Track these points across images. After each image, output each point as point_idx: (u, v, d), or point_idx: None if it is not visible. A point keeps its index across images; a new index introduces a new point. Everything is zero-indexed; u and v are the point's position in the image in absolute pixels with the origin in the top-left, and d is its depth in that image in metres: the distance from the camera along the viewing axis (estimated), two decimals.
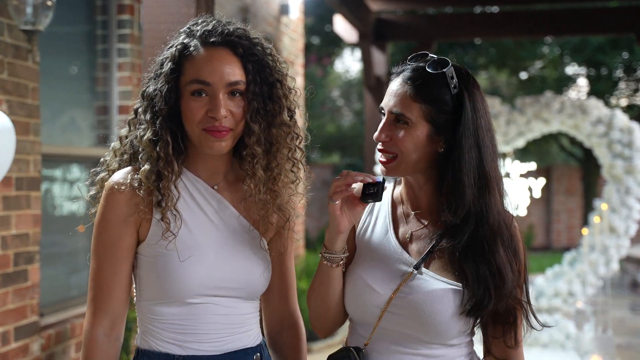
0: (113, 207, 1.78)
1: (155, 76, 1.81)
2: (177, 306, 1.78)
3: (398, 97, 1.81)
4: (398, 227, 1.91)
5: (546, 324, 1.87)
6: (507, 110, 7.37)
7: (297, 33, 8.29)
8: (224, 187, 1.87)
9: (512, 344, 1.83)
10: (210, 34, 1.77)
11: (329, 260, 1.82)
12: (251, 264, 1.83)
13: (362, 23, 7.73)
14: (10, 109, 3.63)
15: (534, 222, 16.50)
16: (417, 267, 1.82)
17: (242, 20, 6.72)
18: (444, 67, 1.78)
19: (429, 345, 1.81)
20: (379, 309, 1.82)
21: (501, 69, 16.48)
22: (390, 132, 1.82)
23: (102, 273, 1.79)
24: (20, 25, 3.54)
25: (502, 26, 8.47)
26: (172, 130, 1.79)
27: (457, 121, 1.79)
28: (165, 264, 1.77)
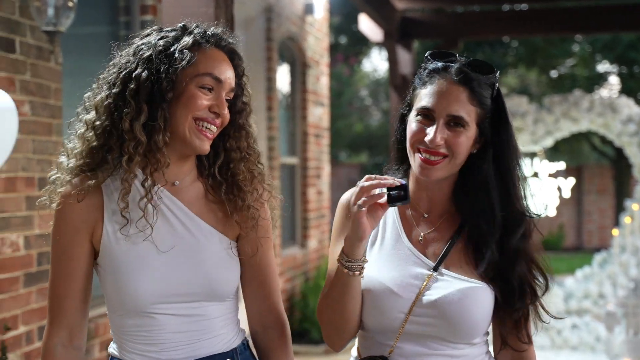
0: (63, 217, 1.76)
1: (149, 61, 1.73)
2: (135, 317, 1.76)
3: (455, 98, 1.78)
4: (408, 231, 1.88)
5: (558, 316, 1.90)
6: (535, 109, 7.27)
7: (322, 32, 8.26)
8: (182, 187, 1.83)
9: (525, 339, 1.84)
10: (221, 39, 1.82)
11: (350, 268, 1.75)
12: (210, 266, 1.78)
13: (387, 22, 7.68)
14: (33, 110, 3.65)
15: (564, 222, 16.29)
16: (436, 268, 1.80)
17: (266, 19, 6.75)
18: (491, 71, 1.82)
19: (455, 346, 1.80)
20: (403, 314, 1.79)
21: (530, 67, 16.30)
22: (444, 134, 1.78)
23: (55, 283, 1.79)
24: (42, 27, 3.56)
25: (531, 24, 8.34)
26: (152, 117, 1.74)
27: (498, 124, 1.83)
28: (115, 276, 1.75)
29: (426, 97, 1.80)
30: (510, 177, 1.82)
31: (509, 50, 15.90)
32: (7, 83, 3.48)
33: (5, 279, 3.47)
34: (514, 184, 1.82)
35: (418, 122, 1.81)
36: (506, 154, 1.82)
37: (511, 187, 1.82)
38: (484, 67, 1.82)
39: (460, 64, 1.81)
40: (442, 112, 1.78)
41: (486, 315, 1.80)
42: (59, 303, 1.78)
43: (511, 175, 1.83)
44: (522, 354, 1.88)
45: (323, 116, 8.28)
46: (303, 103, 7.72)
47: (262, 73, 6.79)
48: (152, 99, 1.73)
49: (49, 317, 1.79)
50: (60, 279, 1.78)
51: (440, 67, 1.82)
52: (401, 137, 1.90)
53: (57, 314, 1.78)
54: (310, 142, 7.80)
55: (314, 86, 7.93)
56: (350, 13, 14.15)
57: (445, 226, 1.86)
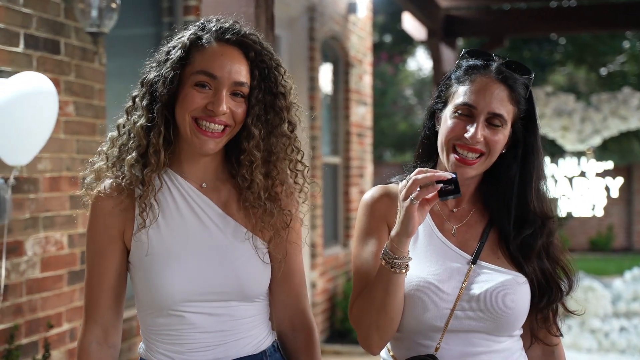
0: (96, 216, 1.78)
1: (159, 64, 1.78)
2: (165, 316, 1.76)
3: (497, 97, 1.80)
4: (441, 226, 1.88)
5: (577, 313, 1.93)
6: (582, 107, 7.15)
7: (365, 31, 8.23)
8: (212, 188, 1.82)
9: (556, 332, 1.88)
10: (226, 31, 1.76)
11: (397, 266, 1.71)
12: (240, 265, 1.77)
13: (430, 20, 7.60)
14: (77, 110, 3.71)
15: (614, 222, 15.93)
16: (475, 261, 1.81)
17: (308, 19, 6.75)
18: (528, 72, 1.84)
19: (498, 339, 1.81)
20: (448, 310, 1.78)
21: (579, 65, 16.00)
22: (484, 132, 1.80)
23: (90, 282, 1.80)
24: (86, 28, 3.62)
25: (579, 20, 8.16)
26: (167, 119, 1.76)
27: (529, 124, 1.86)
28: (145, 273, 1.75)
29: (467, 93, 1.80)
30: (536, 178, 1.85)
31: (556, 48, 15.63)
32: (53, 84, 3.54)
33: (49, 277, 3.53)
34: (539, 185, 1.87)
35: (456, 119, 1.80)
36: (534, 155, 1.85)
37: (535, 187, 1.86)
38: (521, 67, 1.85)
39: (499, 62, 1.83)
40: (484, 109, 1.78)
41: (527, 305, 1.81)
42: (93, 301, 1.80)
43: (537, 176, 1.86)
44: (553, 348, 1.92)
45: (366, 115, 8.24)
46: (346, 102, 7.70)
47: (305, 72, 6.80)
48: (153, 101, 1.75)
49: (85, 316, 1.81)
50: (94, 277, 1.80)
51: (480, 65, 1.83)
52: (430, 133, 1.90)
53: (92, 312, 1.80)
54: (353, 142, 7.77)
55: (356, 85, 7.90)
56: (395, 12, 14.07)
57: (475, 219, 1.89)
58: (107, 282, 1.79)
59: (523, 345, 1.90)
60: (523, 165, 1.85)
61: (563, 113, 7.11)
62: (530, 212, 1.85)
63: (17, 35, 3.32)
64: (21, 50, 3.34)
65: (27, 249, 3.39)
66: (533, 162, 1.85)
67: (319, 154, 6.87)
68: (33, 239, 3.43)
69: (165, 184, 1.79)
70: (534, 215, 1.85)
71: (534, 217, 1.85)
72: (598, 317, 6.95)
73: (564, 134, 7.27)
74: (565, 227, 15.31)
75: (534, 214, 1.85)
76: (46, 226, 3.49)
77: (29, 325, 3.39)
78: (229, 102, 1.73)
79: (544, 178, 1.89)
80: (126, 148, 1.79)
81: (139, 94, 1.80)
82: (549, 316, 1.85)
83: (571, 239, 15.53)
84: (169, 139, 1.77)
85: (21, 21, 3.34)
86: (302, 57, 6.79)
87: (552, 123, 7.25)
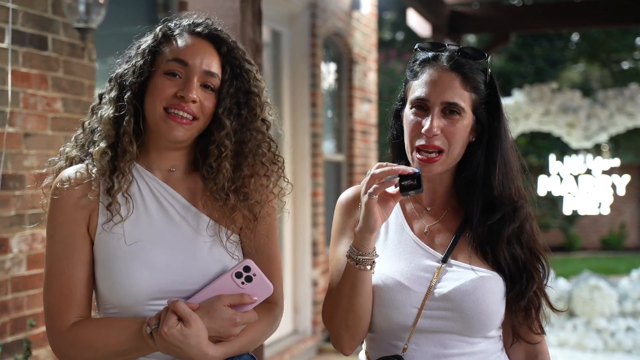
0: (60, 208, 1.71)
1: (129, 58, 1.77)
2: (130, 315, 1.68)
3: (449, 86, 1.75)
4: (412, 224, 1.84)
5: (562, 310, 1.89)
6: (588, 104, 7.05)
7: (370, 28, 8.16)
8: (179, 179, 1.79)
9: (538, 330, 1.82)
10: (198, 25, 1.78)
11: (362, 262, 1.69)
12: (207, 260, 1.72)
13: (435, 16, 7.53)
14: (65, 107, 3.68)
15: (626, 221, 15.78)
16: (445, 259, 1.77)
17: (310, 15, 6.69)
18: (482, 56, 1.79)
19: (471, 340, 1.75)
20: (416, 309, 1.74)
21: (591, 61, 15.84)
22: (440, 123, 1.74)
23: (57, 280, 1.70)
24: (74, 23, 3.58)
25: (587, 16, 8.06)
26: (136, 109, 1.73)
27: (492, 110, 1.80)
28: (110, 270, 1.69)
29: (419, 87, 1.77)
30: (501, 163, 1.79)
31: (568, 45, 15.49)
32: (40, 80, 3.51)
33: (36, 275, 3.50)
34: (506, 170, 1.81)
35: (413, 115, 1.77)
36: (498, 139, 1.79)
37: (500, 172, 1.79)
38: (474, 52, 1.79)
39: (450, 51, 1.78)
40: (436, 100, 1.74)
41: (500, 304, 1.76)
42: (62, 302, 1.69)
43: (502, 161, 1.79)
44: (536, 346, 1.86)
45: (370, 113, 8.18)
46: (349, 100, 7.64)
47: (307, 69, 6.75)
48: (122, 92, 1.73)
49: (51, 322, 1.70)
50: (61, 274, 1.69)
51: (431, 57, 1.79)
52: (397, 133, 1.87)
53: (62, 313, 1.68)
54: (356, 139, 7.71)
55: (360, 82, 7.84)
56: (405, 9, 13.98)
57: (450, 217, 1.84)
58: (79, 275, 1.69)
59: (504, 344, 1.85)
60: (487, 150, 1.80)
61: (569, 110, 7.01)
62: (496, 198, 1.79)
63: (2, 31, 3.29)
64: (6, 46, 3.31)
65: (13, 246, 3.37)
66: (497, 147, 1.79)
67: (320, 151, 6.83)
68: (19, 236, 3.40)
69: (133, 177, 1.75)
70: (500, 201, 1.79)
71: (501, 203, 1.79)
72: (604, 316, 6.85)
73: (569, 131, 7.18)
74: (577, 225, 15.18)
75: (499, 200, 1.79)
76: (33, 223, 3.46)
77: (14, 323, 3.36)
78: (199, 92, 1.72)
79: (510, 163, 1.81)
80: (91, 143, 1.76)
81: (106, 90, 1.79)
82: (531, 312, 1.79)
83: (583, 237, 15.41)
84: (137, 130, 1.74)
85: (7, 16, 3.31)
86: (304, 53, 6.74)
87: (557, 120, 7.16)
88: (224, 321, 1.65)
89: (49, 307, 1.71)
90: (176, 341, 1.59)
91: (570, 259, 13.74)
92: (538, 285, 1.79)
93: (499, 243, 1.77)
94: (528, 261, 1.78)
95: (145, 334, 1.62)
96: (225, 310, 1.65)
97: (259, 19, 3.37)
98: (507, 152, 1.80)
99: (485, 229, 1.78)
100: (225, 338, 1.68)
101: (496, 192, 1.79)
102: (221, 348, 1.67)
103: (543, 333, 1.85)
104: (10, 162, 3.34)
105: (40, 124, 3.52)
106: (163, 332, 1.59)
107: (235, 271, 1.67)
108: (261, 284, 1.68)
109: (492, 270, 1.77)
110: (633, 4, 7.85)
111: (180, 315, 1.60)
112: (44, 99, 3.55)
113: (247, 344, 1.75)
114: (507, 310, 1.78)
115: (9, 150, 3.34)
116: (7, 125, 3.32)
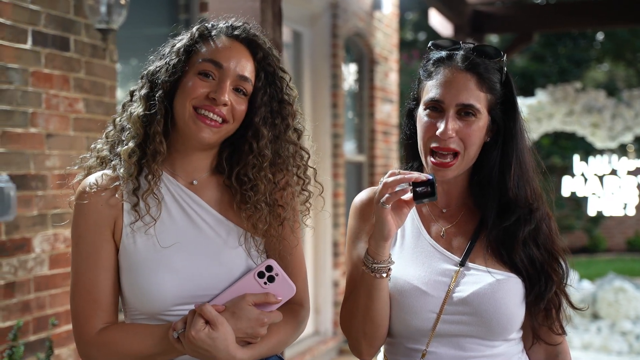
0: (85, 214, 1.70)
1: (162, 56, 1.75)
2: (156, 320, 1.68)
3: (464, 87, 1.71)
4: (429, 227, 1.81)
5: (583, 308, 1.85)
6: (612, 103, 6.96)
7: (391, 28, 8.13)
8: (203, 186, 1.76)
9: (559, 330, 1.79)
10: (235, 28, 1.75)
11: (377, 270, 1.67)
12: (232, 265, 1.71)
13: (457, 16, 7.48)
14: (87, 107, 3.71)
15: None
16: (463, 263, 1.74)
17: (331, 16, 6.68)
18: (498, 55, 1.75)
19: (491, 344, 1.73)
20: (434, 314, 1.71)
21: (617, 61, 15.66)
22: (455, 125, 1.71)
23: (84, 286, 1.69)
24: (95, 25, 3.61)
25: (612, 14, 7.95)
26: (167, 109, 1.71)
27: (508, 110, 1.76)
28: (135, 276, 1.67)
29: (433, 88, 1.74)
30: (516, 164, 1.76)
31: (593, 44, 15.32)
32: (62, 81, 3.54)
33: (58, 274, 3.53)
34: (522, 172, 1.77)
35: (427, 117, 1.74)
36: (514, 140, 1.76)
37: (515, 173, 1.76)
38: (490, 51, 1.75)
39: (465, 50, 1.75)
40: (451, 101, 1.71)
41: (519, 307, 1.73)
42: (90, 306, 1.69)
43: (517, 162, 1.76)
44: (556, 348, 1.83)
45: (392, 113, 8.15)
46: (371, 100, 7.62)
47: (327, 70, 6.74)
48: (153, 90, 1.71)
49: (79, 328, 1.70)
50: (87, 281, 1.69)
51: (445, 56, 1.76)
52: (410, 133, 1.84)
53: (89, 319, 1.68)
54: (377, 140, 7.69)
55: (382, 83, 7.82)
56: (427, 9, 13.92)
57: (466, 219, 1.81)
58: (104, 282, 1.69)
59: (524, 345, 1.82)
60: (503, 151, 1.76)
61: (593, 110, 6.93)
62: (511, 200, 1.75)
63: (25, 32, 3.32)
64: (29, 47, 3.34)
65: (35, 246, 3.39)
66: (513, 148, 1.76)
67: (341, 152, 6.81)
68: (41, 236, 3.42)
69: None
70: (515, 202, 1.75)
71: (516, 204, 1.76)
72: (629, 319, 6.76)
73: (593, 131, 7.09)
74: (602, 226, 15.01)
75: (515, 202, 1.75)
76: (55, 223, 3.49)
77: (37, 322, 3.39)
78: (231, 95, 1.69)
79: (526, 164, 1.78)
80: (119, 141, 1.74)
81: (137, 87, 1.76)
82: (551, 313, 1.76)
83: (608, 239, 15.22)
84: (165, 130, 1.71)
85: (29, 18, 3.33)
86: (325, 54, 6.73)
87: (581, 120, 7.08)
88: (251, 321, 1.64)
89: (76, 314, 1.71)
90: (204, 344, 1.59)
91: (594, 261, 13.58)
92: (557, 286, 1.76)
93: (515, 245, 1.74)
94: (546, 262, 1.75)
95: (172, 338, 1.61)
96: (251, 310, 1.64)
97: (279, 19, 3.37)
98: (522, 153, 1.77)
99: (500, 231, 1.75)
100: (253, 339, 1.67)
101: (511, 193, 1.75)
102: (249, 350, 1.66)
103: (564, 333, 1.81)
104: (32, 163, 3.37)
105: (62, 125, 3.55)
106: (191, 335, 1.58)
107: (257, 271, 1.66)
108: (284, 284, 1.67)
109: (510, 272, 1.74)
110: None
111: (207, 319, 1.59)
112: (66, 99, 3.58)
113: (275, 346, 1.74)
114: (526, 311, 1.76)
115: (31, 150, 3.36)
116: (30, 125, 3.35)
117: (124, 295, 1.73)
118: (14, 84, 3.27)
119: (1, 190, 3.11)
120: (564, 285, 1.78)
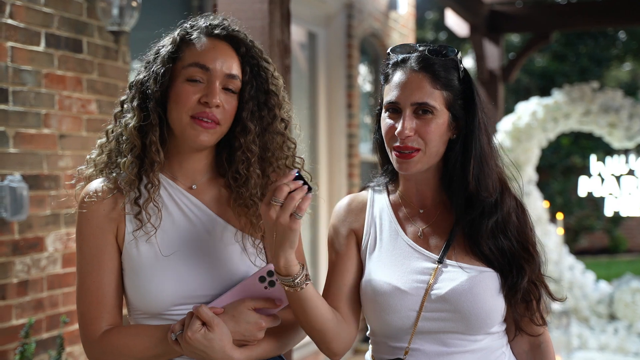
0: (89, 220, 1.73)
1: (148, 64, 1.77)
2: (158, 319, 1.72)
3: (418, 86, 1.75)
4: (406, 228, 1.85)
5: (562, 299, 1.89)
6: (630, 103, 6.90)
7: (407, 28, 8.13)
8: (202, 188, 1.80)
9: (540, 321, 1.83)
10: (215, 27, 1.77)
11: (295, 285, 1.65)
12: (232, 267, 1.74)
13: (473, 16, 7.47)
14: (100, 108, 3.76)
15: None
16: (441, 260, 1.77)
17: (346, 16, 6.69)
18: (451, 52, 1.79)
19: (473, 338, 1.76)
20: (414, 312, 1.75)
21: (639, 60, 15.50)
22: (412, 124, 1.75)
23: (88, 289, 1.73)
24: (108, 27, 3.66)
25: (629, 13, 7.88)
26: (160, 117, 1.73)
27: (468, 105, 1.80)
28: (136, 278, 1.72)
29: (390, 91, 1.78)
30: (475, 157, 1.79)
31: (615, 43, 15.17)
32: (75, 82, 3.59)
33: (71, 273, 3.58)
34: (482, 165, 1.79)
35: (388, 118, 1.79)
36: (473, 134, 1.79)
37: (474, 167, 1.78)
38: (443, 49, 1.79)
39: (419, 52, 1.79)
40: (406, 102, 1.75)
41: (497, 299, 1.76)
42: (94, 308, 1.73)
43: (476, 155, 1.79)
44: (539, 338, 1.86)
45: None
46: None
47: (343, 70, 6.75)
48: (145, 101, 1.73)
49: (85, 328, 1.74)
50: (91, 285, 1.73)
51: (400, 60, 1.80)
52: (380, 138, 1.87)
53: (94, 320, 1.72)
54: None
55: None
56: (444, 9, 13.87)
57: (443, 218, 1.84)
58: (108, 285, 1.74)
59: (508, 337, 1.85)
60: (464, 146, 1.80)
61: (610, 109, 6.88)
62: (472, 193, 1.79)
63: (38, 34, 3.37)
64: (42, 49, 3.39)
65: (48, 245, 3.45)
66: (472, 142, 1.79)
67: (356, 151, 6.82)
68: (54, 235, 3.48)
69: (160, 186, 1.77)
70: (476, 196, 1.78)
71: (477, 198, 1.79)
72: None
73: (611, 131, 7.03)
74: (622, 227, 14.86)
75: (477, 195, 1.78)
76: (68, 223, 3.54)
77: (50, 320, 3.44)
78: (221, 95, 1.72)
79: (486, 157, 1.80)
80: (117, 152, 1.76)
81: (127, 97, 1.79)
82: (532, 304, 1.80)
83: (629, 239, 15.07)
84: (161, 137, 1.74)
85: (42, 20, 3.39)
86: (340, 55, 6.75)
87: (598, 120, 7.03)
88: (249, 325, 1.67)
89: (82, 316, 1.75)
90: (200, 345, 1.62)
91: (615, 262, 13.47)
92: (531, 276, 1.78)
93: (482, 237, 1.77)
94: (516, 253, 1.78)
95: (170, 340, 1.65)
96: (250, 314, 1.67)
97: (287, 20, 3.39)
98: (482, 146, 1.80)
99: (467, 224, 1.79)
100: (251, 342, 1.70)
101: (471, 186, 1.78)
102: (245, 352, 1.70)
103: (545, 324, 1.85)
104: (45, 163, 3.43)
105: (75, 125, 3.60)
106: (187, 336, 1.62)
107: (259, 275, 1.69)
108: (284, 289, 1.68)
109: (486, 266, 1.78)
110: None
111: (203, 320, 1.63)
112: (79, 100, 3.63)
113: (274, 348, 1.77)
114: (507, 303, 1.79)
115: (44, 151, 3.42)
116: (43, 126, 3.40)
117: (127, 297, 1.78)
118: (28, 85, 3.32)
119: (14, 190, 3.17)
120: (541, 275, 1.81)
